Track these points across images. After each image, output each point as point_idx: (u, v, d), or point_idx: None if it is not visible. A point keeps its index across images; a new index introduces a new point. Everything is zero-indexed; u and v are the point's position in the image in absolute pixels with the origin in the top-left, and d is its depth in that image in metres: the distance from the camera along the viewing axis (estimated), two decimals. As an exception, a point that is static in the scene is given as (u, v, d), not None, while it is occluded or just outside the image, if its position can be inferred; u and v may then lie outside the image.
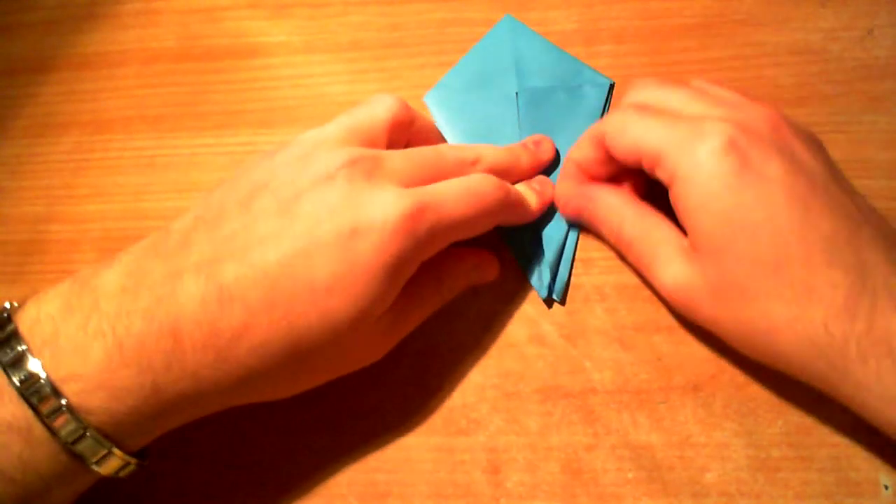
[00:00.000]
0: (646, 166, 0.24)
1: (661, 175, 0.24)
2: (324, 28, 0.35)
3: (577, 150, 0.28)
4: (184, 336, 0.20)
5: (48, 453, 0.20)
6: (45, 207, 0.34)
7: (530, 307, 0.29)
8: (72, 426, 0.20)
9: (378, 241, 0.21)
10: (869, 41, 0.32)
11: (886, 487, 0.24)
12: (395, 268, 0.22)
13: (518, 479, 0.26)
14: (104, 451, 0.21)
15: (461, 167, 0.26)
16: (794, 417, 0.26)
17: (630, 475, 0.26)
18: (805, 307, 0.21)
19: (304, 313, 0.21)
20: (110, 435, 0.21)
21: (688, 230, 0.24)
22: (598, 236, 0.29)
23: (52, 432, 0.20)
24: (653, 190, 0.27)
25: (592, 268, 0.29)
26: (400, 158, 0.24)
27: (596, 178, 0.28)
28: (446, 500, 0.26)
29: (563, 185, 0.29)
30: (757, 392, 0.26)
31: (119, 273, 0.22)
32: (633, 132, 0.24)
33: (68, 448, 0.20)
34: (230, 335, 0.21)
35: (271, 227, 0.22)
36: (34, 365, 0.20)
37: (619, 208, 0.27)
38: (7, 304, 0.22)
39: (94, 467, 0.21)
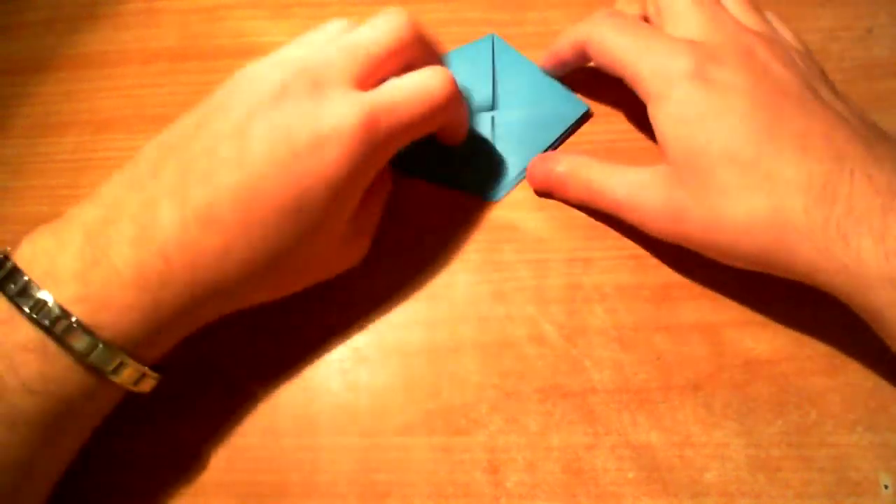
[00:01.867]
0: (626, 82, 0.27)
1: (640, 93, 0.26)
2: (324, 28, 0.35)
3: (558, 43, 0.30)
4: (172, 258, 0.22)
5: (65, 366, 0.21)
6: (48, 207, 0.34)
7: (530, 307, 0.29)
8: (84, 341, 0.21)
9: (337, 154, 0.23)
10: (869, 41, 0.32)
11: (886, 487, 0.24)
12: (357, 173, 0.23)
13: (518, 479, 0.26)
14: (117, 361, 0.22)
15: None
16: (794, 417, 0.26)
17: (630, 475, 0.26)
18: (784, 197, 0.22)
19: (278, 230, 0.23)
20: (122, 347, 0.22)
21: (662, 145, 0.26)
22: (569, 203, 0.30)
23: (66, 347, 0.21)
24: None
25: (592, 268, 0.29)
26: (345, 58, 0.25)
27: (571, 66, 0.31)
28: (446, 500, 0.26)
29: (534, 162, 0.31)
30: (757, 392, 0.26)
31: (101, 207, 0.23)
32: (612, 48, 0.27)
33: (83, 361, 0.21)
34: (213, 254, 0.22)
35: (230, 150, 0.22)
36: (40, 293, 0.21)
37: (585, 161, 0.29)
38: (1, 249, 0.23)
39: (112, 377, 0.22)
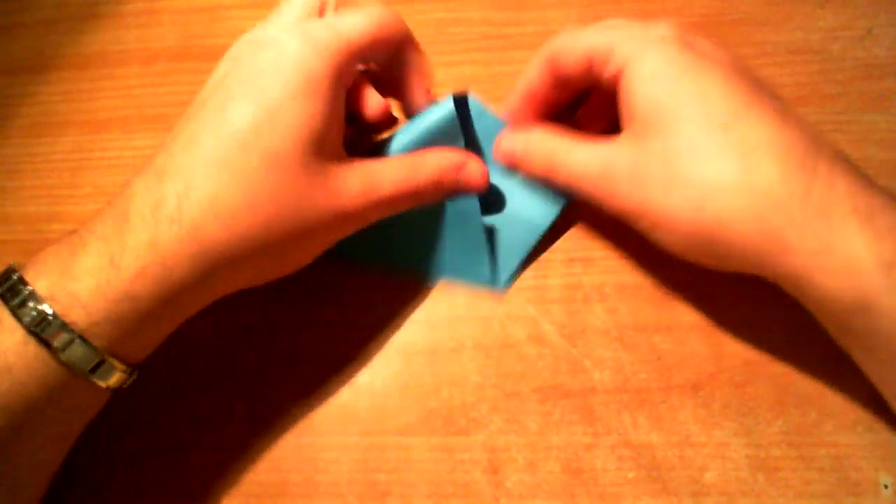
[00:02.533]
0: (596, 67, 0.25)
1: (612, 68, 0.24)
2: (324, 28, 0.35)
3: (524, 76, 0.27)
4: (132, 213, 0.22)
5: (15, 340, 0.20)
6: (46, 207, 0.34)
7: (530, 307, 0.29)
8: (35, 309, 0.20)
9: (274, 53, 0.23)
10: (868, 41, 0.32)
11: (886, 487, 0.24)
12: (306, 76, 0.23)
13: (518, 479, 0.26)
14: (70, 338, 0.21)
15: None
16: (794, 417, 0.26)
17: (630, 475, 0.26)
18: (761, 160, 0.21)
19: (243, 161, 0.22)
20: (76, 324, 0.21)
21: (632, 105, 0.23)
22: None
23: (17, 317, 0.20)
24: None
25: (592, 268, 0.29)
26: (287, 11, 0.26)
27: (543, 105, 0.28)
28: (446, 500, 0.26)
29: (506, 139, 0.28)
30: (757, 392, 0.26)
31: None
32: (584, 38, 0.25)
33: (33, 331, 0.20)
34: (175, 201, 0.22)
35: (200, 122, 0.23)
36: (17, 277, 0.21)
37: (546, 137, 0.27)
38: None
39: (63, 356, 0.21)
